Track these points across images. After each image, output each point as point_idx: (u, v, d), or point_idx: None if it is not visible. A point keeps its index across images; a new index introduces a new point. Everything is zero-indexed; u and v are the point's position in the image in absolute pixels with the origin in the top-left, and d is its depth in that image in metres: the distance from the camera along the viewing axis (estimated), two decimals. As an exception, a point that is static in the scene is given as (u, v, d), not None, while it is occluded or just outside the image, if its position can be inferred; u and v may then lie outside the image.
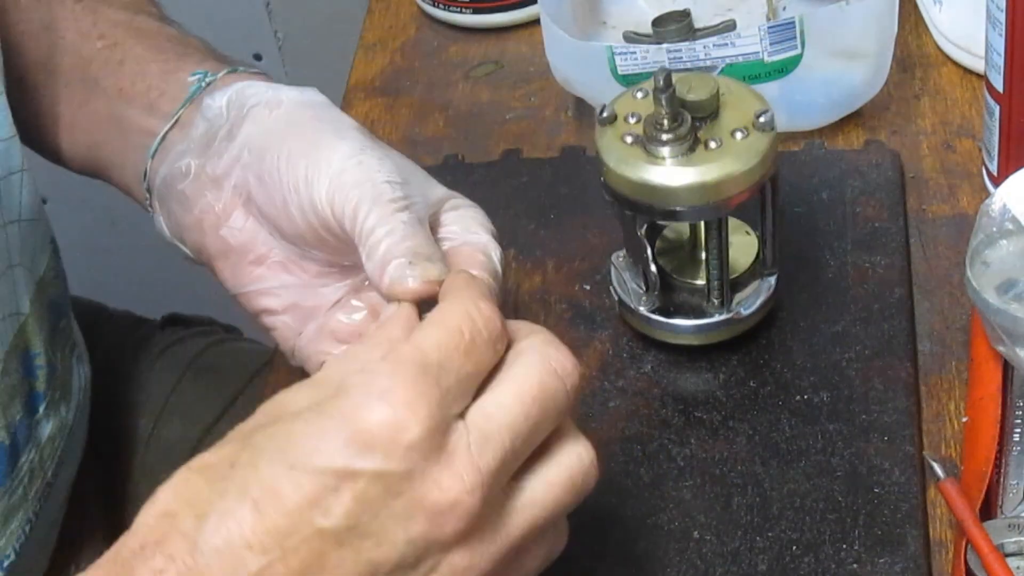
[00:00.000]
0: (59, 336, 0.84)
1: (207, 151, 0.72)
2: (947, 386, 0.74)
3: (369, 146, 0.66)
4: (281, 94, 0.71)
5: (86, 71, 0.81)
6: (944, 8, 0.92)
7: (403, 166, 0.66)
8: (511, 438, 0.55)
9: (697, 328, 0.75)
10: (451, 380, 0.55)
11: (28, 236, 0.79)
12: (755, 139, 0.70)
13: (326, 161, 0.65)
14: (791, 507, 0.69)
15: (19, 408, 0.78)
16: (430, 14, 1.02)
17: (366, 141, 0.66)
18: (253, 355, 1.01)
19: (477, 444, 0.54)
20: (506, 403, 0.56)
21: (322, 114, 0.69)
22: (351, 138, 0.66)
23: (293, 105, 0.70)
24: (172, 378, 0.98)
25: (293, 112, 0.69)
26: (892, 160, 0.85)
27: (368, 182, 0.64)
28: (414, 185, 0.65)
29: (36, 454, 0.80)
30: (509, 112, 0.94)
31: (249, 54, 1.50)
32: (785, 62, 0.85)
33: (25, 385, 0.79)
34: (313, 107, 0.69)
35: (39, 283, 0.80)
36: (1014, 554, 0.65)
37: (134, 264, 1.60)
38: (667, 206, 0.70)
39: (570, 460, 0.57)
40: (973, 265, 0.70)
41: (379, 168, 0.64)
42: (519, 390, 0.56)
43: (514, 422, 0.55)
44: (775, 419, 0.73)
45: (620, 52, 0.86)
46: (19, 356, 0.78)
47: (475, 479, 0.54)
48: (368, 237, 0.63)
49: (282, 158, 0.67)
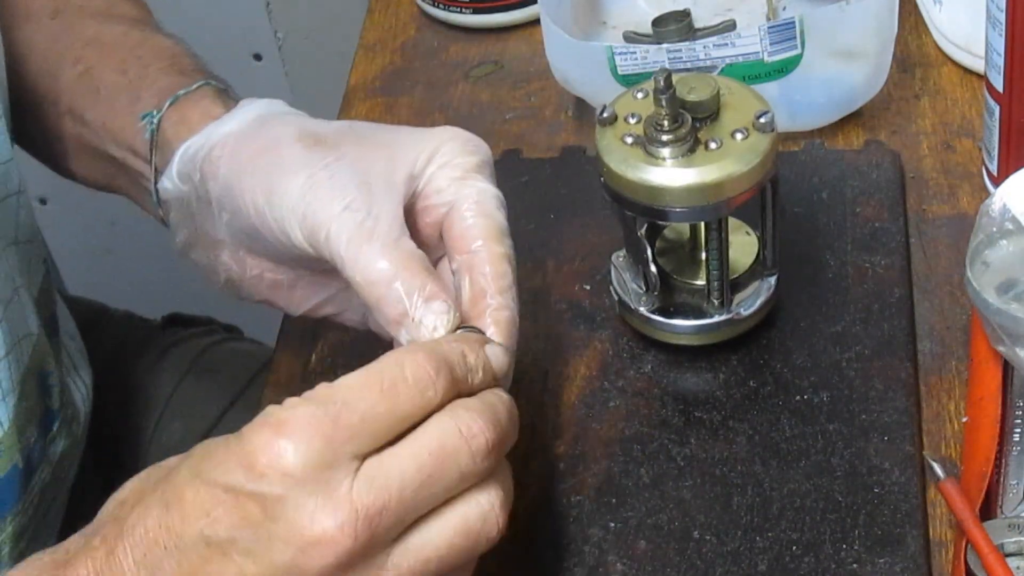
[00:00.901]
0: (54, 350, 0.84)
1: (194, 220, 0.73)
2: (947, 386, 0.74)
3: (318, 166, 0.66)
4: (217, 133, 0.71)
5: (72, 104, 0.81)
6: (944, 8, 0.92)
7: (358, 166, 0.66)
8: (399, 487, 0.57)
9: (697, 328, 0.75)
10: (353, 419, 0.56)
11: (26, 257, 0.79)
12: (755, 139, 0.70)
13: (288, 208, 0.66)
14: (791, 507, 0.69)
15: (34, 430, 0.78)
16: (430, 14, 1.02)
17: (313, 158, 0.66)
18: (253, 356, 1.01)
19: (361, 485, 0.56)
20: (402, 454, 0.57)
21: (265, 143, 0.69)
22: (297, 167, 0.66)
23: (236, 144, 0.70)
24: (173, 380, 0.98)
25: (239, 152, 0.70)
26: (892, 160, 0.85)
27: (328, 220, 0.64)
28: (375, 187, 0.65)
29: (48, 473, 0.80)
30: (509, 112, 0.94)
31: (249, 54, 1.50)
32: (785, 62, 0.85)
33: (41, 405, 0.79)
34: (254, 137, 0.70)
35: (37, 302, 0.80)
36: (1014, 554, 0.65)
37: (134, 264, 1.60)
38: (667, 206, 0.70)
39: (467, 507, 0.59)
40: (973, 265, 0.70)
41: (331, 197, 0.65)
42: (418, 444, 0.58)
43: (404, 472, 0.57)
44: (775, 419, 0.73)
45: (620, 52, 0.86)
46: (36, 377, 0.78)
47: (349, 517, 0.56)
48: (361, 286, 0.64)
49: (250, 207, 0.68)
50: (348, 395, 0.57)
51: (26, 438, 0.77)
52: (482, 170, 0.68)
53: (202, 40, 0.87)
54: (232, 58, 1.47)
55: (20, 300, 0.76)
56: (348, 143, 0.67)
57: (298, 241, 0.66)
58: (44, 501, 0.80)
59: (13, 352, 0.74)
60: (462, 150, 0.68)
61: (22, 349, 0.76)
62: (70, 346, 0.89)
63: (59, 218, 1.51)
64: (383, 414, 0.57)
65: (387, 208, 0.65)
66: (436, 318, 0.63)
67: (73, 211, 1.28)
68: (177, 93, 0.76)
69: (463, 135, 0.68)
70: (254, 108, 0.72)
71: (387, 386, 0.57)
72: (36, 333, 0.78)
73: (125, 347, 1.01)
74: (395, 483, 0.57)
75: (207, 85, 0.76)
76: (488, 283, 0.65)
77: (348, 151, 0.67)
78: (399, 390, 0.58)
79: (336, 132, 0.69)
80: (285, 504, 0.56)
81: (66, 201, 1.32)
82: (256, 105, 0.73)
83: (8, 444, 0.74)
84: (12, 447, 0.75)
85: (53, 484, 0.81)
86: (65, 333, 0.88)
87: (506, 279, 0.66)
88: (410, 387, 0.58)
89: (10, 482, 0.75)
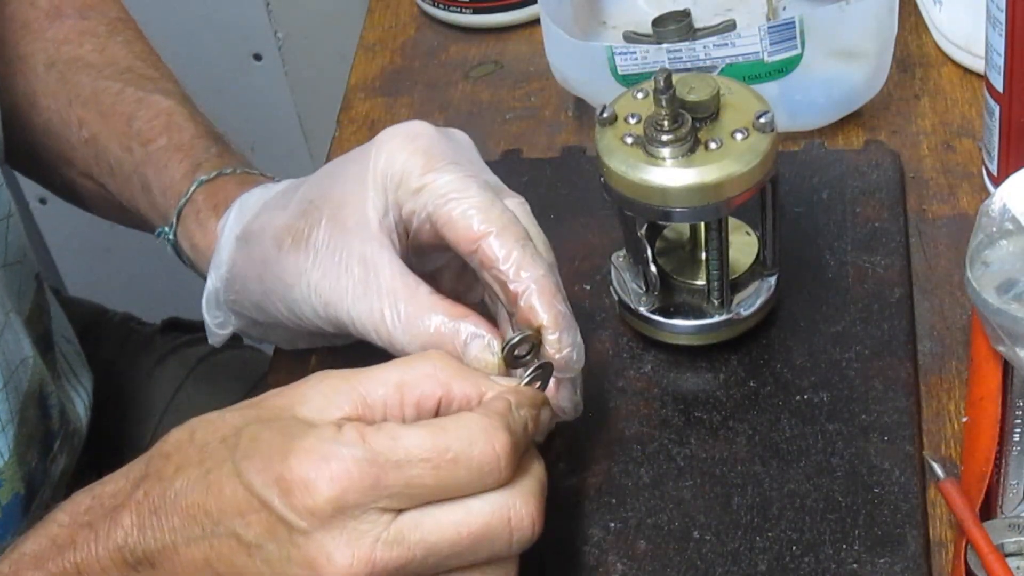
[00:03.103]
0: (48, 366, 0.84)
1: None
2: (947, 386, 0.74)
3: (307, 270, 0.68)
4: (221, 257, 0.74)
5: (88, 170, 0.83)
6: (944, 8, 0.92)
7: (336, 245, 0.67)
8: (424, 554, 0.57)
9: (697, 328, 0.75)
10: (399, 481, 0.57)
11: (14, 279, 0.79)
12: (755, 140, 0.70)
13: (309, 314, 0.68)
14: (791, 507, 0.69)
15: (35, 455, 0.78)
16: (430, 14, 1.02)
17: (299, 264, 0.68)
18: (252, 363, 1.01)
19: (387, 542, 0.57)
20: (442, 523, 0.57)
21: (258, 270, 0.71)
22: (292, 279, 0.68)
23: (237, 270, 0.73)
24: (171, 387, 0.98)
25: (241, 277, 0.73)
26: (892, 160, 0.85)
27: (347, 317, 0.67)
28: (365, 254, 0.66)
29: (49, 494, 0.80)
30: (509, 112, 0.94)
31: (249, 54, 1.50)
32: (785, 62, 0.85)
33: (41, 429, 0.79)
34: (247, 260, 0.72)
35: (28, 322, 0.80)
36: (1014, 554, 0.65)
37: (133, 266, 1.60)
38: (667, 207, 0.70)
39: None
40: (973, 265, 0.70)
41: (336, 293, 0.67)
42: (462, 519, 0.58)
43: (437, 543, 0.57)
44: (775, 419, 0.73)
45: (620, 52, 0.86)
46: (35, 401, 0.78)
47: (363, 568, 0.56)
48: None
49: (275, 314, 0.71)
50: (404, 456, 0.57)
51: (27, 464, 0.77)
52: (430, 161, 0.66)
53: (202, 40, 0.87)
54: (232, 58, 1.47)
55: (12, 325, 0.76)
56: (314, 222, 0.68)
57: (343, 336, 0.68)
58: None
59: (11, 381, 0.74)
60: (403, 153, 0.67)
61: (19, 376, 0.76)
62: (68, 351, 0.88)
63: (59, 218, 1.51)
64: (431, 487, 0.57)
65: (386, 274, 0.66)
66: (481, 356, 0.64)
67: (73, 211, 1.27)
68: (179, 204, 0.78)
69: (401, 135, 0.67)
70: (229, 230, 0.74)
71: (448, 461, 0.57)
72: (31, 355, 0.78)
73: (123, 352, 1.01)
74: (422, 550, 0.57)
75: (202, 184, 0.78)
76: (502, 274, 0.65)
77: (319, 236, 0.68)
78: (459, 468, 0.57)
79: (300, 215, 0.69)
80: (308, 536, 0.56)
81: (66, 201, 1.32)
82: (229, 223, 0.74)
83: (10, 474, 0.74)
84: (14, 476, 0.75)
85: (54, 503, 0.81)
86: (62, 338, 0.88)
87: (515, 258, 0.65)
88: (473, 469, 0.57)
89: (12, 509, 0.76)
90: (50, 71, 0.84)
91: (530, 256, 0.65)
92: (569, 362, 0.65)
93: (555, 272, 0.67)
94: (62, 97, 0.83)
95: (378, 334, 0.66)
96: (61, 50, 0.85)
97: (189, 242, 0.77)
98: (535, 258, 0.65)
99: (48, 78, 0.84)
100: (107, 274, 1.60)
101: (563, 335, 0.64)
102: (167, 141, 0.80)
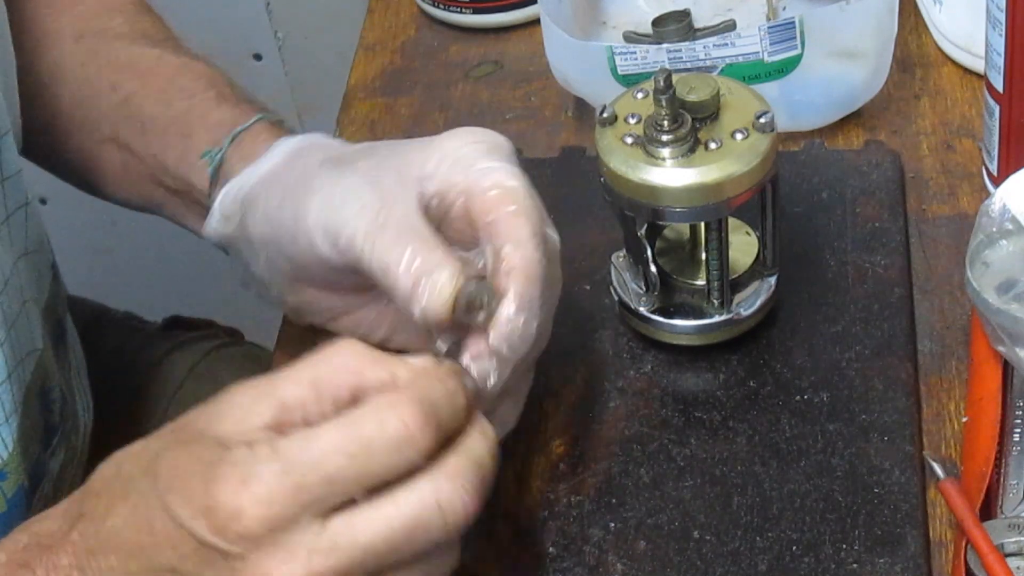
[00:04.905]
0: (60, 358, 0.84)
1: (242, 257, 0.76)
2: (947, 386, 0.74)
3: (334, 182, 0.68)
4: (254, 175, 0.74)
5: (115, 133, 0.82)
6: (944, 8, 0.92)
7: (371, 175, 0.67)
8: (362, 555, 0.56)
9: (697, 328, 0.75)
10: (320, 481, 0.56)
11: (34, 267, 0.79)
12: (755, 140, 0.70)
13: (312, 222, 0.68)
14: (791, 507, 0.69)
15: (37, 447, 0.78)
16: (430, 14, 1.02)
17: (331, 176, 0.68)
18: (254, 361, 1.01)
19: (322, 552, 0.56)
20: (372, 519, 0.56)
21: (295, 177, 0.71)
22: (317, 187, 0.69)
23: (270, 183, 0.73)
24: (174, 384, 0.98)
25: (272, 190, 0.72)
26: (892, 160, 0.85)
27: (345, 222, 0.66)
28: (387, 187, 0.67)
29: (49, 487, 0.80)
30: (509, 112, 0.94)
31: (249, 54, 1.50)
32: (785, 62, 0.85)
33: (42, 422, 0.79)
34: (287, 173, 0.72)
35: (44, 311, 0.80)
36: (1014, 554, 0.65)
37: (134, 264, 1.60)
38: (667, 206, 0.70)
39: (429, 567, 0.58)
40: (973, 265, 0.70)
41: (346, 202, 0.67)
42: (391, 512, 0.57)
43: (370, 541, 0.56)
44: (775, 419, 0.73)
45: (620, 52, 0.86)
46: (38, 394, 0.78)
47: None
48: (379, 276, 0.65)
49: (284, 235, 0.70)
50: (319, 456, 0.56)
51: (31, 456, 0.77)
52: (493, 153, 0.68)
53: (202, 40, 0.87)
54: (232, 58, 1.47)
55: (27, 314, 0.76)
56: (363, 159, 0.69)
57: (325, 251, 0.67)
58: None
59: (16, 371, 0.74)
60: (467, 141, 0.68)
61: (25, 367, 0.76)
62: (73, 344, 0.89)
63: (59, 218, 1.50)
64: (352, 477, 0.56)
65: (400, 201, 0.66)
66: (443, 283, 0.63)
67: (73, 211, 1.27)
68: (235, 130, 0.77)
69: (468, 130, 0.69)
70: (288, 145, 0.74)
71: (361, 446, 0.56)
72: (41, 348, 0.78)
73: (125, 351, 1.01)
74: (358, 551, 0.56)
75: (262, 120, 0.78)
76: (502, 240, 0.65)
77: (362, 166, 0.69)
78: (373, 451, 0.56)
79: (355, 152, 0.71)
80: (244, 561, 0.56)
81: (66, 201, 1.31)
82: (290, 142, 0.75)
83: (14, 466, 0.74)
84: (18, 468, 0.75)
85: (54, 499, 0.81)
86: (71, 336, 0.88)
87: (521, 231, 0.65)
88: (388, 448, 0.56)
89: (18, 501, 0.76)
90: (79, 43, 0.84)
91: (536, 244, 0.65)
92: (510, 337, 0.64)
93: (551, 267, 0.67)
94: (91, 66, 0.83)
95: (365, 235, 0.65)
96: (91, 23, 0.85)
97: (239, 155, 0.77)
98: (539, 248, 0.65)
99: (77, 49, 0.84)
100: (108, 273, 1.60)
101: (519, 312, 0.64)
102: (215, 93, 0.80)
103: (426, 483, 0.57)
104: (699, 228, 0.76)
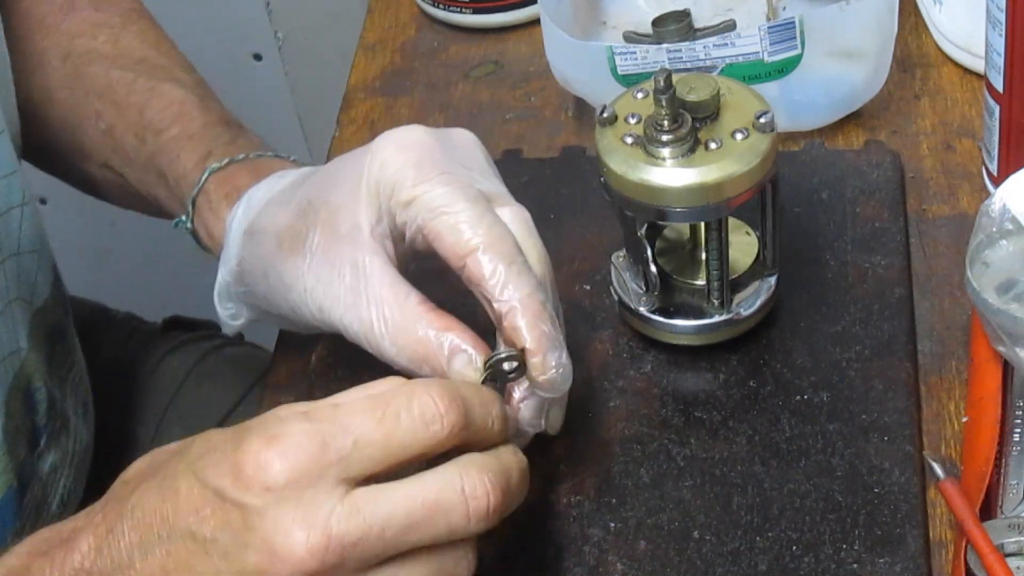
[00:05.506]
0: (56, 360, 0.83)
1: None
2: (947, 386, 0.74)
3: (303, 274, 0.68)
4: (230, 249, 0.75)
5: (107, 161, 0.83)
6: (944, 8, 0.92)
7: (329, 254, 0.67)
8: (381, 527, 0.57)
9: (697, 328, 0.75)
10: (346, 442, 0.57)
11: (27, 268, 0.79)
12: (755, 140, 0.70)
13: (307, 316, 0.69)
14: (791, 507, 0.69)
15: (23, 448, 0.78)
16: (430, 14, 1.02)
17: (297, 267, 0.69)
18: (254, 361, 1.01)
19: (341, 514, 0.56)
20: (395, 495, 0.57)
21: (262, 266, 0.71)
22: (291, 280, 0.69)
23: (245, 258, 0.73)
24: (174, 385, 0.98)
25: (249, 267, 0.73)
26: (892, 160, 0.85)
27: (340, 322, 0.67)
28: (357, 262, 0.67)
29: (39, 490, 0.80)
30: (509, 112, 0.94)
31: (249, 54, 1.50)
32: (785, 62, 0.85)
33: (28, 423, 0.79)
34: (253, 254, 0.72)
35: (37, 313, 0.80)
36: (1014, 554, 0.65)
37: (134, 265, 1.60)
38: (667, 206, 0.70)
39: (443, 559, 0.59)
40: (973, 265, 0.70)
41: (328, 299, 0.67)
42: (415, 489, 0.57)
43: (391, 514, 0.57)
44: (775, 419, 0.73)
45: (620, 52, 0.86)
46: (21, 394, 0.78)
47: (319, 541, 0.56)
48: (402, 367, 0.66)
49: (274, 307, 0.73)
50: (347, 418, 0.57)
51: (17, 456, 0.77)
52: (421, 172, 0.66)
53: (202, 40, 0.87)
54: (232, 58, 1.47)
55: (10, 315, 0.76)
56: (310, 225, 0.68)
57: (332, 332, 0.69)
58: (39, 520, 0.79)
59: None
60: (396, 163, 0.66)
61: (6, 368, 0.76)
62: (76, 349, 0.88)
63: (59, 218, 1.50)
64: (379, 442, 0.57)
65: (375, 282, 0.66)
66: (463, 371, 0.64)
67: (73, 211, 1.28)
68: (192, 193, 0.78)
69: (388, 147, 0.67)
70: (239, 222, 0.74)
71: (389, 414, 0.57)
72: (25, 348, 0.78)
73: (125, 351, 1.01)
74: (378, 521, 0.57)
75: (215, 171, 0.78)
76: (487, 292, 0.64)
77: (314, 239, 0.68)
78: (400, 421, 0.57)
79: (299, 215, 0.69)
80: (263, 516, 0.56)
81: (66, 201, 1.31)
82: (241, 214, 0.74)
83: (2, 466, 0.74)
84: (6, 468, 0.75)
85: (46, 501, 0.81)
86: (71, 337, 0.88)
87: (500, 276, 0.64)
88: (414, 419, 0.58)
89: (7, 502, 0.76)
90: (65, 65, 0.84)
91: (516, 274, 0.64)
92: (553, 383, 0.64)
93: (544, 290, 0.65)
94: (79, 90, 0.83)
95: (368, 342, 0.66)
96: (75, 43, 0.85)
97: (206, 231, 0.78)
98: (522, 275, 0.64)
99: (64, 72, 0.84)
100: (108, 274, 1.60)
101: (547, 356, 0.64)
102: (179, 130, 0.80)
103: (453, 468, 0.58)
104: (699, 228, 0.76)
